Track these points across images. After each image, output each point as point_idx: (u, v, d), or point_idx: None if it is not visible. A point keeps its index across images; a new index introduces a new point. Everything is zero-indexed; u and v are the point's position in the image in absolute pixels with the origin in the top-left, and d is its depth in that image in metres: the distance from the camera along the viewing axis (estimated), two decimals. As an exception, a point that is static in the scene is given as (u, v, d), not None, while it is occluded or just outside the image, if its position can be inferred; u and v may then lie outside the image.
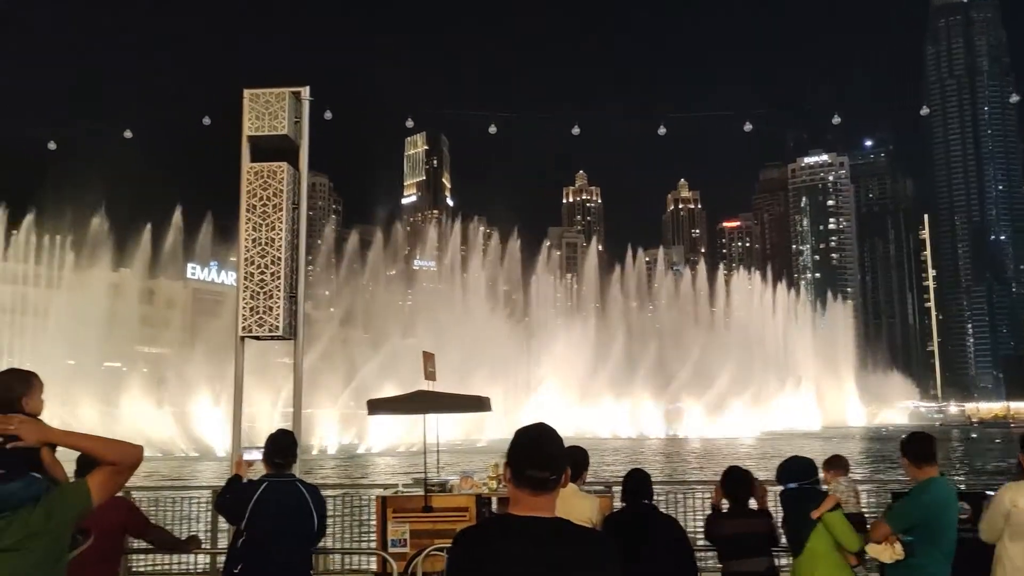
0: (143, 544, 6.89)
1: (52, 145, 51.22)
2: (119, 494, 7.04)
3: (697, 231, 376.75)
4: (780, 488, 6.51)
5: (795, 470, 6.41)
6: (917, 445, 6.03)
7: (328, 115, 35.16)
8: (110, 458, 3.64)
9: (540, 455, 2.97)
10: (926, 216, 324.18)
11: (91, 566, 5.43)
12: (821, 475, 7.55)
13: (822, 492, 6.62)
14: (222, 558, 10.44)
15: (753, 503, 6.61)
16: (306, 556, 5.96)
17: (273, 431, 6.21)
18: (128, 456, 3.68)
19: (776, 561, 6.65)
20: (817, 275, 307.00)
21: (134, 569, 10.35)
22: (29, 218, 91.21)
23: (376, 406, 11.64)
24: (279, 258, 11.07)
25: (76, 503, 3.55)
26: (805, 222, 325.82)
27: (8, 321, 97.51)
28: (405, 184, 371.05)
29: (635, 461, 42.49)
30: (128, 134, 46.62)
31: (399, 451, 55.84)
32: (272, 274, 11.02)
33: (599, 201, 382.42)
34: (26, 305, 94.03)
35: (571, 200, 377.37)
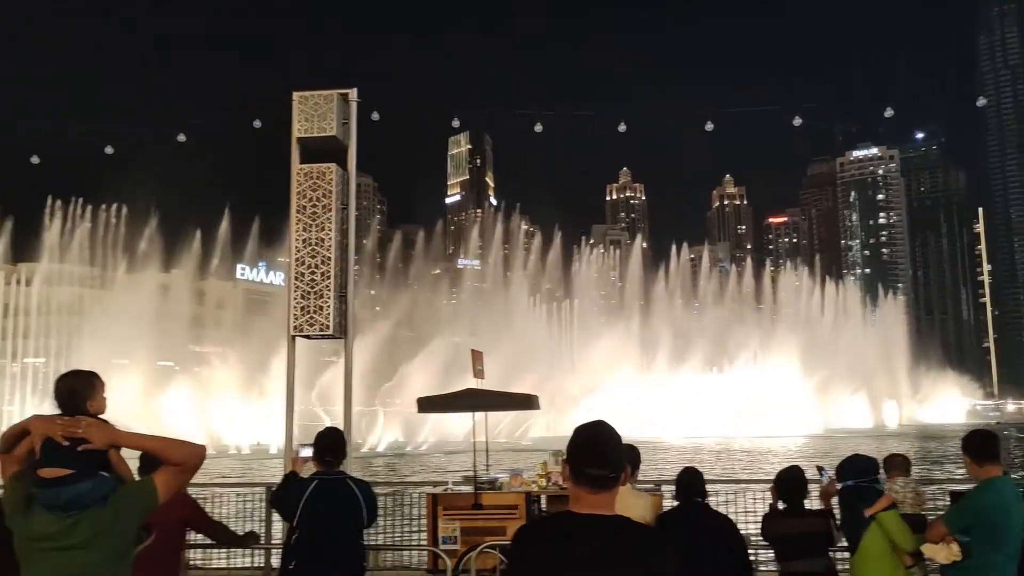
0: (200, 539, 7.04)
1: (109, 149, 52.47)
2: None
3: (743, 227, 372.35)
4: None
5: (854, 468, 6.34)
6: (978, 443, 5.88)
7: (375, 116, 35.38)
8: (175, 458, 3.74)
9: (599, 453, 2.98)
10: (980, 210, 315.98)
11: (155, 561, 5.57)
12: (883, 474, 7.43)
13: (879, 491, 6.51)
14: (276, 553, 10.65)
15: (814, 502, 6.56)
16: (358, 551, 6.02)
17: (321, 429, 6.29)
18: (192, 456, 3.78)
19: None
20: (867, 271, 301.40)
21: (191, 564, 10.56)
22: (84, 221, 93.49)
23: (426, 404, 11.72)
24: (329, 258, 11.22)
25: (142, 501, 3.66)
26: (854, 217, 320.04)
27: (65, 322, 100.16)
28: (449, 183, 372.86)
29: (687, 460, 42.19)
30: (181, 137, 47.48)
31: (446, 449, 56.14)
32: (322, 274, 11.17)
33: (643, 198, 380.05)
34: (82, 305, 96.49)
35: (615, 197, 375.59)
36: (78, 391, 3.90)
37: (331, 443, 6.03)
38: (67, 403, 3.83)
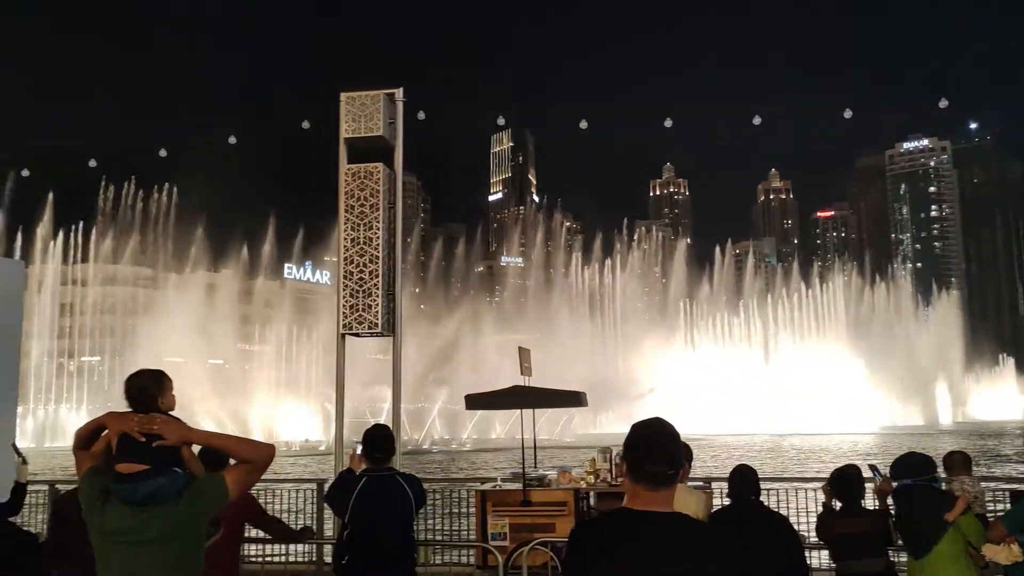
0: (257, 534, 7.16)
1: (163, 152, 53.66)
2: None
3: (789, 222, 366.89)
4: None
5: (910, 466, 6.18)
6: None
7: (421, 115, 35.53)
8: (246, 456, 3.81)
9: (657, 449, 2.99)
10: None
11: (218, 555, 5.69)
12: (942, 473, 7.25)
13: (939, 490, 6.37)
14: (327, 548, 10.79)
15: (869, 501, 6.42)
16: (409, 545, 6.08)
17: (368, 427, 6.35)
18: (262, 455, 3.85)
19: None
20: (919, 265, 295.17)
21: (247, 559, 10.75)
22: (137, 222, 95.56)
23: (473, 401, 11.77)
24: (377, 257, 11.32)
25: (215, 497, 3.73)
26: (905, 210, 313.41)
27: (119, 321, 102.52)
28: (491, 181, 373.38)
29: (737, 458, 41.75)
30: (232, 140, 48.29)
31: (489, 446, 56.29)
32: (370, 272, 11.28)
33: (686, 193, 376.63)
34: (135, 305, 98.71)
35: (658, 193, 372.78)
36: (149, 389, 3.99)
37: (379, 440, 6.11)
38: (139, 401, 3.92)
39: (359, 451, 6.32)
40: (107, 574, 3.54)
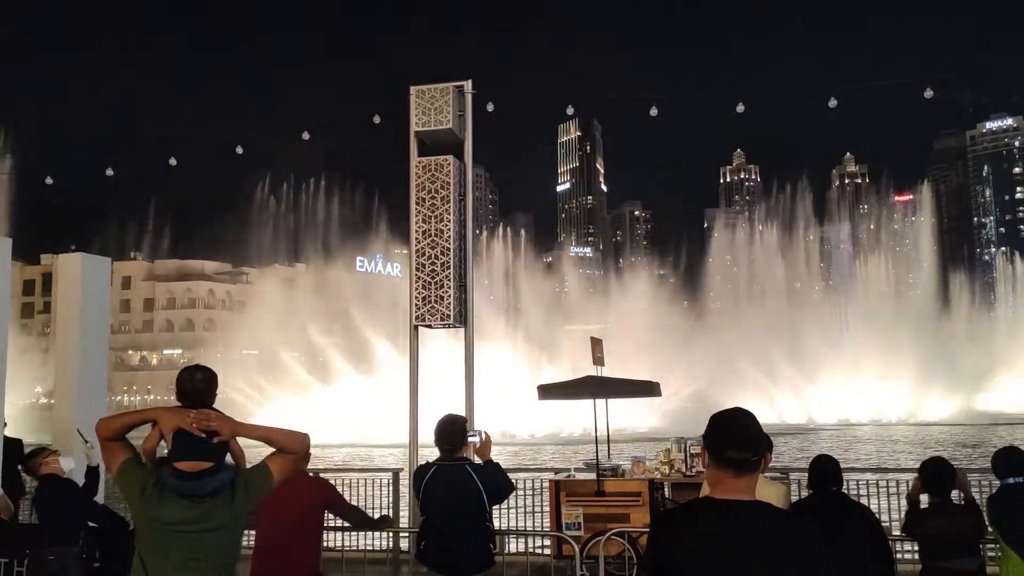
0: (336, 522, 7.33)
1: (239, 149, 55.02)
2: (316, 475, 7.53)
3: (865, 207, 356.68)
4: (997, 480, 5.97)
5: (1020, 463, 5.84)
6: None
7: (490, 107, 35.50)
8: (291, 447, 4.01)
9: (741, 435, 3.03)
10: None
11: (299, 543, 5.83)
12: None
13: None
14: (403, 536, 10.97)
15: (956, 495, 6.17)
16: (482, 534, 6.11)
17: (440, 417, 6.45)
18: (304, 445, 4.09)
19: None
20: (1003, 249, 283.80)
21: (328, 546, 11.00)
22: (213, 219, 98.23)
23: (546, 391, 11.79)
24: (448, 249, 11.44)
25: (263, 486, 3.89)
26: (988, 192, 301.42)
27: (200, 315, 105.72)
28: (559, 171, 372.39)
29: (809, 447, 40.90)
30: (305, 136, 49.09)
31: (562, 437, 56.29)
32: (442, 264, 11.41)
33: (758, 180, 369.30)
34: (216, 300, 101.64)
35: (729, 180, 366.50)
36: (203, 385, 4.09)
37: (446, 431, 6.19)
38: (194, 396, 4.01)
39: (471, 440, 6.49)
40: (164, 560, 3.65)
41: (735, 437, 3.02)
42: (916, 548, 6.60)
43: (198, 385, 4.06)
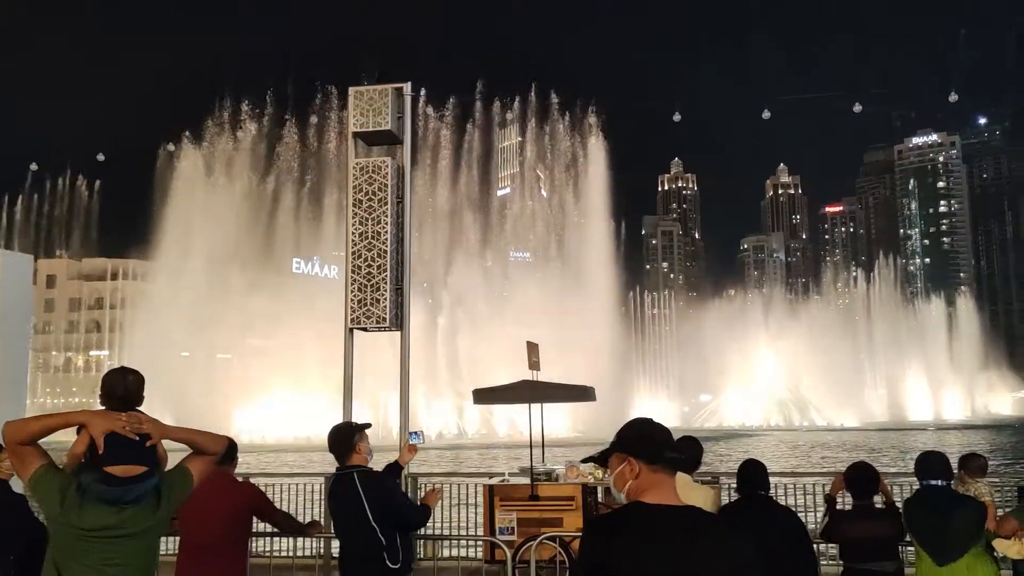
0: (264, 528, 7.18)
1: (170, 147, 53.82)
2: (244, 479, 7.38)
3: (797, 217, 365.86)
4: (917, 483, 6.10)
5: (936, 467, 5.98)
6: None
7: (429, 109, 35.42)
8: (213, 449, 4.02)
9: (670, 437, 3.13)
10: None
11: (225, 548, 5.71)
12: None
13: (971, 497, 6.31)
14: (335, 542, 10.81)
15: (878, 499, 6.31)
16: (374, 543, 5.79)
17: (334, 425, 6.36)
18: (221, 446, 4.12)
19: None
20: (927, 260, 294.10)
21: (252, 550, 10.80)
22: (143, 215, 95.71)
23: (482, 396, 11.77)
24: (385, 251, 11.32)
25: (184, 489, 3.85)
26: (914, 205, 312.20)
27: (128, 316, 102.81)
28: (500, 176, 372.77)
29: (741, 452, 41.73)
30: (239, 134, 48.24)
31: (495, 441, 56.39)
32: (378, 267, 11.28)
33: (695, 188, 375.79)
34: (141, 299, 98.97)
35: (666, 188, 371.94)
36: (135, 388, 3.98)
37: (330, 440, 6.09)
38: (124, 399, 3.88)
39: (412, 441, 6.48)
40: (81, 568, 3.54)
41: (668, 439, 3.10)
42: (836, 550, 6.75)
43: (130, 387, 3.93)
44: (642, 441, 3.10)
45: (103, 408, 3.83)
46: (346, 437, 6.06)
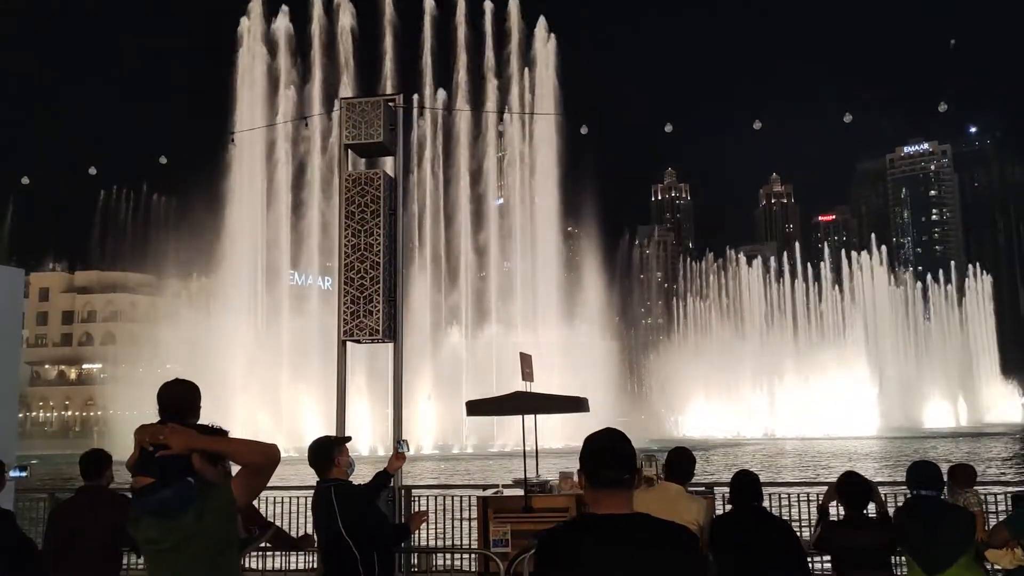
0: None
1: (163, 159, 53.75)
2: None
3: (791, 225, 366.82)
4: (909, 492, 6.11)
5: (927, 477, 5.97)
6: None
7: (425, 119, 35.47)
8: (251, 461, 3.76)
9: (612, 456, 3.14)
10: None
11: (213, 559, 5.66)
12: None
13: (961, 507, 6.30)
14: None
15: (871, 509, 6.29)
16: (347, 560, 5.79)
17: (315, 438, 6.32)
18: (268, 457, 3.78)
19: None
20: (919, 268, 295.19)
21: (244, 565, 10.74)
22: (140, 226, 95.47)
23: (475, 407, 11.75)
24: (378, 263, 11.32)
25: (223, 505, 3.70)
26: (906, 214, 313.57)
27: (123, 329, 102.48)
28: (499, 184, 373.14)
29: (734, 462, 41.67)
30: (232, 144, 48.22)
31: (490, 452, 56.27)
32: (371, 279, 11.27)
33: (688, 198, 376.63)
34: (136, 312, 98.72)
35: (660, 198, 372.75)
36: (181, 399, 4.00)
37: (309, 454, 6.06)
38: (171, 410, 3.95)
39: (401, 450, 6.49)
40: None
41: (608, 457, 3.12)
42: (828, 560, 6.73)
43: (177, 398, 3.97)
44: (587, 458, 3.17)
45: (155, 421, 3.88)
46: (325, 451, 6.05)
